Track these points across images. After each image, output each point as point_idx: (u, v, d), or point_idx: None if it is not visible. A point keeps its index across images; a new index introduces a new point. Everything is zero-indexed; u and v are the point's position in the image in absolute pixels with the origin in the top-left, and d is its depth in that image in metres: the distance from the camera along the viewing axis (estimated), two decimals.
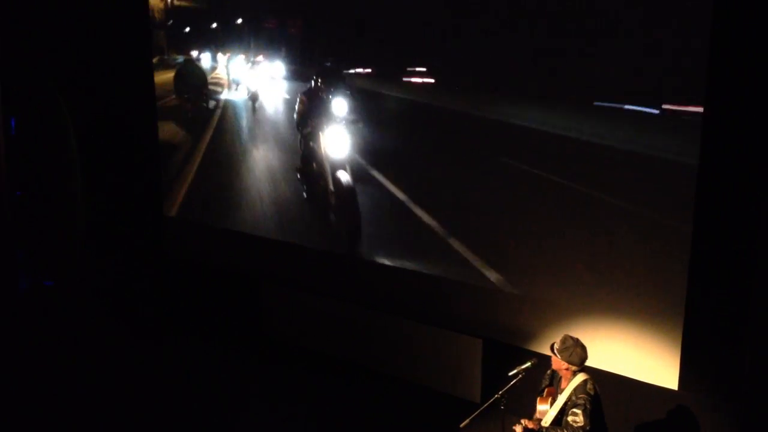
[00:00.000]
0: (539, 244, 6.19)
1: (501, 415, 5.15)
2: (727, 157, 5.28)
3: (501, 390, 5.07)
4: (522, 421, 4.96)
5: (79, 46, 8.88)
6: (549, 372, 5.16)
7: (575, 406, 4.75)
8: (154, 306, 8.96)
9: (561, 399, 4.89)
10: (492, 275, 6.54)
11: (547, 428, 4.85)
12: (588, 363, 5.38)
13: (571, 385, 4.87)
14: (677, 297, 5.61)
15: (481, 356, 6.77)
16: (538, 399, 5.08)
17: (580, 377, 4.88)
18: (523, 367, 5.11)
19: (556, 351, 4.91)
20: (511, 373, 5.09)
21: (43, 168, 9.26)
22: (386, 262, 7.21)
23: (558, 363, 4.93)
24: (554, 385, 5.12)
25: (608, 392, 5.72)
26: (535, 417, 5.03)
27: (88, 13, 8.79)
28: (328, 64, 7.50)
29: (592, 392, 4.81)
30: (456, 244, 6.70)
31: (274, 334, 8.20)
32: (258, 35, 8.24)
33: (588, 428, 4.70)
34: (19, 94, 9.06)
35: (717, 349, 5.60)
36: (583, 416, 4.70)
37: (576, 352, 4.87)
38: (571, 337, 4.96)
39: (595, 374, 5.64)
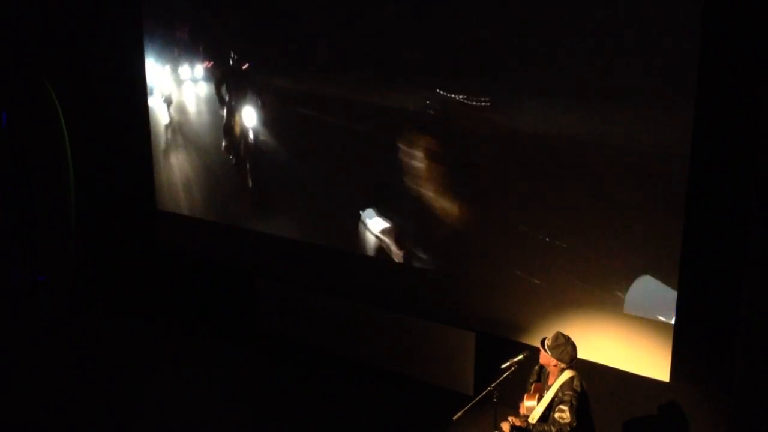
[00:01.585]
0: (531, 238, 6.21)
1: (494, 407, 5.18)
2: (717, 149, 5.30)
3: (494, 383, 5.10)
4: (509, 418, 4.98)
5: (69, 38, 8.83)
6: (537, 367, 5.19)
7: (562, 402, 4.78)
8: (148, 301, 8.95)
9: (548, 395, 4.92)
10: (484, 269, 6.56)
11: (534, 425, 4.87)
12: (580, 355, 5.41)
13: (558, 381, 4.90)
14: (669, 288, 5.63)
15: (474, 349, 6.79)
16: (525, 395, 5.12)
17: (568, 374, 4.91)
18: (516, 359, 5.14)
19: (547, 347, 4.94)
20: (503, 366, 5.12)
21: (35, 162, 9.23)
22: (380, 257, 7.22)
23: (547, 359, 4.96)
24: (542, 380, 5.14)
25: (600, 384, 5.76)
26: (522, 413, 5.05)
27: (78, 5, 8.75)
28: None
29: (579, 389, 4.85)
30: (447, 238, 6.72)
31: (269, 330, 8.20)
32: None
33: (574, 425, 4.73)
34: (10, 88, 9.03)
35: (708, 341, 5.63)
36: (570, 413, 4.73)
37: (567, 351, 4.90)
38: (563, 335, 4.98)
39: (588, 366, 5.68)
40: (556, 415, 4.77)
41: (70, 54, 8.87)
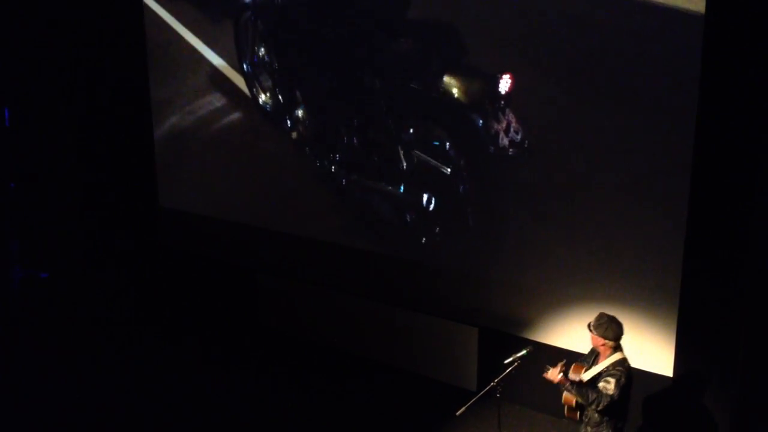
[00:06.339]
0: (534, 233, 6.20)
1: (497, 403, 5.17)
2: (721, 145, 5.29)
3: (497, 378, 5.09)
4: (559, 365, 4.95)
5: (71, 32, 8.80)
6: (591, 349, 5.17)
7: (610, 375, 4.81)
8: (150, 298, 8.95)
9: (596, 368, 4.94)
10: (488, 264, 6.55)
11: (577, 383, 4.88)
12: (583, 351, 5.40)
13: (609, 360, 4.92)
14: (672, 284, 5.63)
15: (477, 345, 6.79)
16: (574, 365, 5.10)
17: (619, 355, 4.93)
18: (519, 355, 5.13)
19: (591, 327, 4.96)
20: (506, 361, 5.12)
21: (38, 159, 9.22)
22: (382, 251, 7.21)
23: (595, 339, 4.97)
24: (590, 363, 5.13)
25: None
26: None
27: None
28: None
29: (628, 371, 4.87)
30: (451, 234, 6.71)
31: (271, 325, 8.20)
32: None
33: (616, 399, 4.76)
34: (12, 84, 9.02)
35: (712, 336, 5.63)
36: (615, 386, 4.75)
37: (611, 328, 4.91)
38: (606, 314, 5.00)
39: None
40: (601, 384, 4.80)
41: (71, 47, 8.84)
